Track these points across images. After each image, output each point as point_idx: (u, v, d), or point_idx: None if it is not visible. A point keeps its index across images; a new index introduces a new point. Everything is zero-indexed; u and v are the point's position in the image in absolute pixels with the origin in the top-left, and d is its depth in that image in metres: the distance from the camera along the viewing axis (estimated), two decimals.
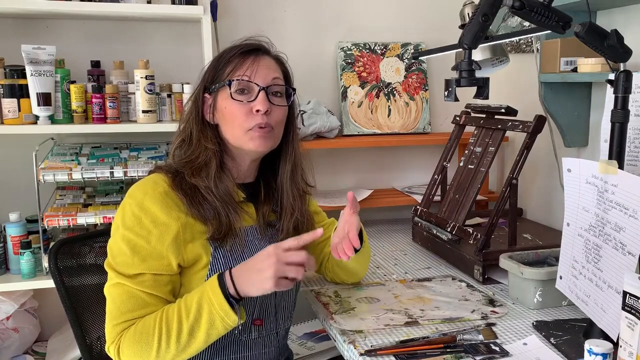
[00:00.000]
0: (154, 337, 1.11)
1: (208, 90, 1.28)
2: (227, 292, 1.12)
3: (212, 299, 1.12)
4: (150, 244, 1.16)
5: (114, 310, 1.16)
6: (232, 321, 1.12)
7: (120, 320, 1.15)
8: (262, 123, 1.23)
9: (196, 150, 1.25)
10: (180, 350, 1.12)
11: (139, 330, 1.13)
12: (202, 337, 1.12)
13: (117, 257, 1.18)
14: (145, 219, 1.17)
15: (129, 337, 1.13)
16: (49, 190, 2.06)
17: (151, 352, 1.12)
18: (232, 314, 1.11)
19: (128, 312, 1.15)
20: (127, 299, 1.15)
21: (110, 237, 1.21)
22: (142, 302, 1.16)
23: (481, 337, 1.21)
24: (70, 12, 1.91)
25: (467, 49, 1.13)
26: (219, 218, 1.20)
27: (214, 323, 1.12)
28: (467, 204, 1.71)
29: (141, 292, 1.16)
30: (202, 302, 1.12)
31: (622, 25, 1.67)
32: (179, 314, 1.13)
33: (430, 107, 2.41)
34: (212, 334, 1.13)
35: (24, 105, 1.88)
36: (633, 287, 0.96)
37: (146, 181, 1.23)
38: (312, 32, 2.33)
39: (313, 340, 2.01)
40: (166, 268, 1.17)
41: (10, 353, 2.00)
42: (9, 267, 1.95)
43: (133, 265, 1.16)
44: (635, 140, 1.32)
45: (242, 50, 1.27)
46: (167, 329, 1.12)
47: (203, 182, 1.22)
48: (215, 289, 1.12)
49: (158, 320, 1.13)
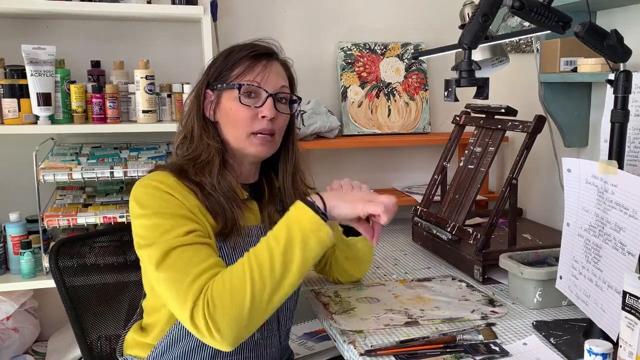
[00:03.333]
0: (245, 278, 1.03)
1: (211, 86, 1.27)
2: (314, 207, 1.09)
3: (300, 216, 1.08)
4: (183, 211, 1.13)
5: (180, 273, 1.05)
6: (326, 234, 1.06)
7: (197, 273, 1.05)
8: (266, 129, 1.23)
9: (198, 147, 1.24)
10: (276, 284, 1.04)
11: (227, 277, 1.04)
12: (298, 261, 1.05)
13: (155, 232, 1.10)
14: (168, 196, 1.14)
15: (217, 288, 1.03)
16: (49, 190, 2.06)
17: (246, 296, 1.02)
18: (325, 227, 1.06)
19: (199, 263, 1.06)
20: (193, 254, 1.07)
21: (133, 231, 1.16)
22: (207, 252, 1.08)
23: (481, 337, 1.21)
24: (70, 12, 1.91)
25: (467, 49, 1.13)
26: (225, 214, 1.19)
27: (308, 242, 1.06)
28: (467, 204, 1.71)
29: (203, 244, 1.09)
30: (291, 225, 1.07)
31: (622, 25, 1.67)
32: (268, 246, 1.06)
33: (430, 107, 2.41)
34: (308, 257, 1.07)
35: (24, 105, 1.88)
36: (633, 287, 0.96)
37: (152, 175, 1.20)
38: (312, 32, 2.33)
39: (313, 340, 2.01)
40: (206, 231, 1.14)
41: (10, 353, 2.00)
42: (9, 267, 1.95)
43: (180, 226, 1.10)
44: (635, 140, 1.32)
45: (254, 53, 1.25)
46: (258, 263, 1.04)
47: (207, 180, 1.21)
48: (300, 207, 1.09)
49: (247, 259, 1.06)
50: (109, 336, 1.51)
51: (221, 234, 1.20)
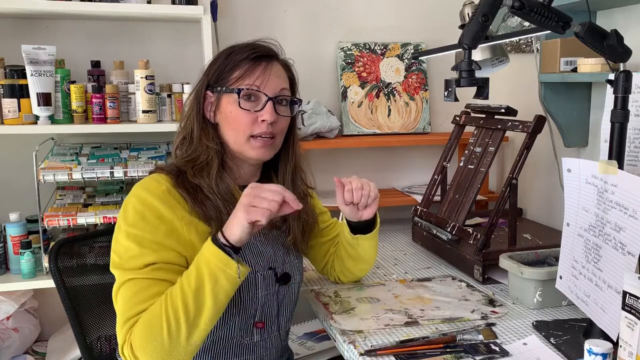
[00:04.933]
0: (161, 319, 1.06)
1: (211, 88, 1.26)
2: (219, 242, 1.09)
3: (207, 255, 1.09)
4: (158, 237, 1.14)
5: (123, 308, 1.11)
6: (234, 270, 1.07)
7: (131, 315, 1.09)
8: (266, 132, 1.23)
9: (198, 148, 1.24)
10: (191, 323, 1.07)
11: (147, 318, 1.08)
12: (210, 300, 1.07)
13: (124, 255, 1.14)
14: (151, 215, 1.15)
15: (138, 329, 1.07)
16: (49, 190, 2.06)
17: (163, 337, 1.05)
18: (231, 262, 1.07)
19: (139, 304, 1.09)
20: (138, 291, 1.10)
21: (114, 239, 1.18)
22: (155, 291, 1.10)
23: (481, 337, 1.21)
24: (70, 12, 1.91)
25: (467, 49, 1.13)
26: (221, 217, 1.18)
27: (218, 279, 1.07)
28: (467, 204, 1.71)
29: (154, 280, 1.11)
30: (200, 264, 1.09)
31: (622, 25, 1.67)
32: (181, 286, 1.08)
33: (430, 107, 2.41)
34: (220, 294, 1.08)
35: (24, 105, 1.88)
36: (633, 287, 0.96)
37: (148, 180, 1.21)
38: (312, 32, 2.33)
39: (313, 340, 2.01)
40: (177, 259, 1.15)
41: (10, 353, 2.00)
42: (9, 267, 1.95)
43: (143, 256, 1.12)
44: (635, 140, 1.32)
45: (253, 55, 1.24)
46: (173, 305, 1.06)
47: (205, 182, 1.21)
48: (208, 245, 1.10)
49: (163, 301, 1.08)
50: (109, 336, 1.51)
51: None
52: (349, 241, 1.41)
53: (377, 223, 1.42)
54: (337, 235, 1.48)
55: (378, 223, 1.42)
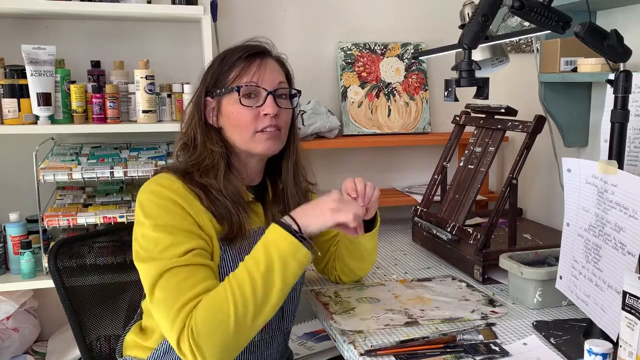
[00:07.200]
0: (227, 302, 1.05)
1: (210, 93, 1.27)
2: (290, 229, 1.11)
3: (277, 240, 1.10)
4: (186, 226, 1.14)
5: (171, 297, 1.07)
6: (304, 255, 1.10)
7: (185, 301, 1.06)
8: (270, 125, 1.24)
9: (202, 153, 1.24)
10: (259, 306, 1.07)
11: (209, 302, 1.06)
12: (279, 283, 1.08)
13: (156, 247, 1.11)
14: (173, 206, 1.14)
15: (200, 313, 1.05)
16: (49, 190, 2.06)
17: (229, 320, 1.04)
18: (302, 247, 1.10)
19: (190, 289, 1.07)
20: (185, 278, 1.08)
21: (136, 236, 1.16)
22: (202, 276, 1.09)
23: (481, 337, 1.21)
24: (70, 12, 1.91)
25: (467, 49, 1.13)
26: (231, 218, 1.19)
27: (288, 263, 1.09)
28: (467, 204, 1.71)
29: (196, 266, 1.10)
30: (269, 248, 1.10)
31: (622, 25, 1.67)
32: (248, 270, 1.08)
33: (430, 107, 2.41)
34: (288, 277, 1.10)
35: (24, 105, 1.88)
36: (633, 287, 0.96)
37: (158, 178, 1.20)
38: (312, 32, 2.33)
39: (313, 340, 2.01)
40: (206, 246, 1.15)
41: (10, 353, 2.00)
42: (9, 267, 1.95)
43: (180, 244, 1.11)
44: (635, 140, 1.32)
45: (246, 54, 1.25)
46: (240, 287, 1.06)
47: (213, 183, 1.21)
48: (276, 230, 1.11)
49: (227, 284, 1.07)
50: (109, 336, 1.51)
51: (226, 238, 1.19)
52: (350, 239, 1.41)
53: (378, 222, 1.42)
54: (337, 234, 1.49)
55: (378, 222, 1.42)
